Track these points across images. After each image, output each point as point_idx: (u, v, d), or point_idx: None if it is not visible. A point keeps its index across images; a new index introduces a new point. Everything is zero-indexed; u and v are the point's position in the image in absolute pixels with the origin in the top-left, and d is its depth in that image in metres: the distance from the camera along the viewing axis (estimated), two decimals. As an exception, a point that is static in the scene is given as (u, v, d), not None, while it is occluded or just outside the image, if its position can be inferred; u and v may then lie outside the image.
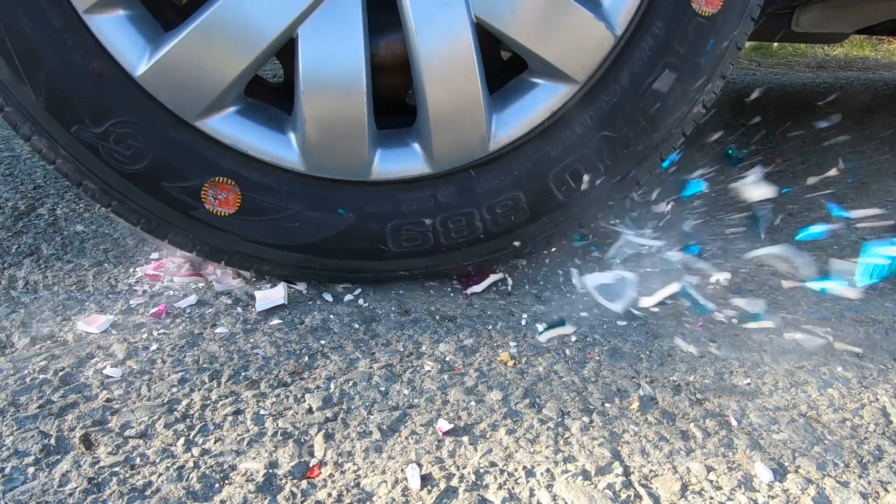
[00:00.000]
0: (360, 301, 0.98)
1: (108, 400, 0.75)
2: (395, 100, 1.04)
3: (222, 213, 0.91)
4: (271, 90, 1.03)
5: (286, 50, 0.88)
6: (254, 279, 1.04)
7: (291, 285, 1.02)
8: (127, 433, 0.69)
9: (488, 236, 0.98)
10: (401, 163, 0.94)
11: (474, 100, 0.90)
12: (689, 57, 0.93)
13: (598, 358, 0.85)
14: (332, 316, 0.94)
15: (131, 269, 1.07)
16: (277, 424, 0.71)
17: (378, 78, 0.91)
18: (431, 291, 1.02)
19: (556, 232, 1.02)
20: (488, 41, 0.91)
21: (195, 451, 0.67)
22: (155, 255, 1.12)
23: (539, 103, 0.94)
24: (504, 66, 1.05)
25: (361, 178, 0.93)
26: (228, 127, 0.89)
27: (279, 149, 0.91)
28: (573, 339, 0.89)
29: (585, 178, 0.97)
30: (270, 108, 0.94)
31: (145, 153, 0.88)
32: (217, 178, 0.90)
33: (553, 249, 1.14)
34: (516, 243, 1.00)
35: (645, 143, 0.97)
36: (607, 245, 1.16)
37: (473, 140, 0.93)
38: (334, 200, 0.94)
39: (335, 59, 0.86)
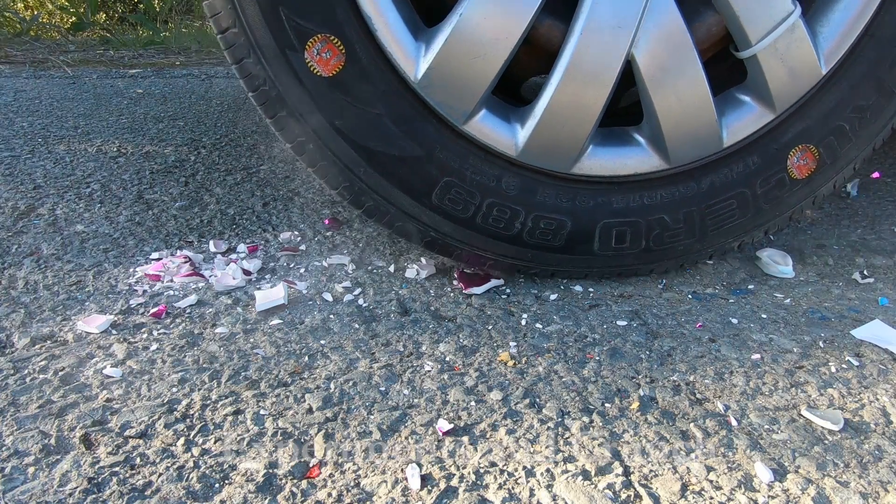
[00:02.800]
0: (360, 301, 0.98)
1: (108, 400, 0.75)
2: (511, 78, 1.03)
3: (315, 71, 0.88)
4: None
5: None
6: (254, 278, 1.04)
7: (291, 285, 1.02)
8: (127, 433, 0.70)
9: (516, 241, 0.99)
10: (494, 131, 0.94)
11: (587, 121, 0.91)
12: (761, 199, 1.01)
13: (598, 358, 0.85)
14: (332, 316, 0.94)
15: (131, 269, 1.07)
16: (277, 424, 0.71)
17: (519, 52, 0.90)
18: (431, 291, 1.02)
19: (562, 271, 1.04)
20: (624, 79, 0.92)
21: (195, 451, 0.67)
22: (155, 255, 1.12)
23: (630, 159, 0.97)
24: (615, 112, 1.06)
25: (454, 122, 0.92)
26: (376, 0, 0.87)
27: (404, 52, 0.88)
28: (572, 338, 0.89)
29: (626, 243, 1.00)
30: (416, 14, 0.92)
31: None
32: (332, 37, 0.87)
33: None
34: (530, 263, 1.01)
35: (686, 245, 1.02)
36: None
37: (565, 153, 0.94)
38: (416, 127, 0.92)
39: (504, 9, 0.85)
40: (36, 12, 4.38)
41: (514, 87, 1.07)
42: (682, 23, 0.88)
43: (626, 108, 1.07)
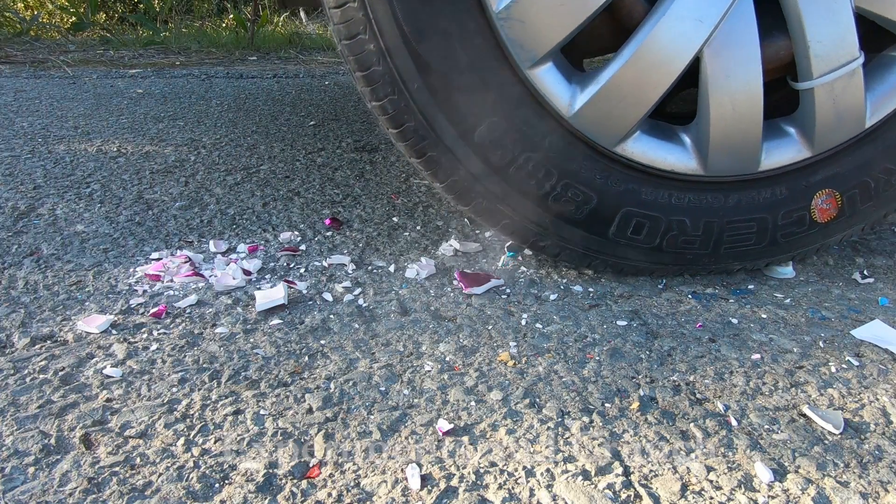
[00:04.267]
0: (360, 301, 0.98)
1: (108, 400, 0.75)
2: (576, 52, 1.03)
3: None
4: None
5: None
6: (254, 278, 1.04)
7: (291, 285, 1.02)
8: (127, 433, 0.70)
9: (541, 203, 0.99)
10: (553, 87, 0.93)
11: (644, 104, 0.92)
12: (779, 231, 1.03)
13: (598, 358, 0.85)
14: (332, 316, 0.94)
15: (131, 269, 1.07)
16: (277, 424, 0.71)
17: (590, 25, 0.90)
18: (431, 291, 1.02)
19: (569, 250, 1.03)
20: (684, 81, 0.92)
21: (195, 451, 0.67)
22: (155, 255, 1.12)
23: (671, 155, 0.98)
24: (664, 112, 1.07)
25: (519, 64, 0.91)
26: None
27: None
28: (572, 338, 0.89)
29: (641, 236, 1.01)
30: None
31: None
32: None
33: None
34: (545, 230, 1.00)
35: (696, 255, 1.04)
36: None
37: (614, 129, 0.95)
38: (481, 57, 0.90)
39: None
40: (36, 12, 4.38)
41: (576, 57, 1.07)
42: (757, 37, 0.89)
43: (672, 114, 1.08)
